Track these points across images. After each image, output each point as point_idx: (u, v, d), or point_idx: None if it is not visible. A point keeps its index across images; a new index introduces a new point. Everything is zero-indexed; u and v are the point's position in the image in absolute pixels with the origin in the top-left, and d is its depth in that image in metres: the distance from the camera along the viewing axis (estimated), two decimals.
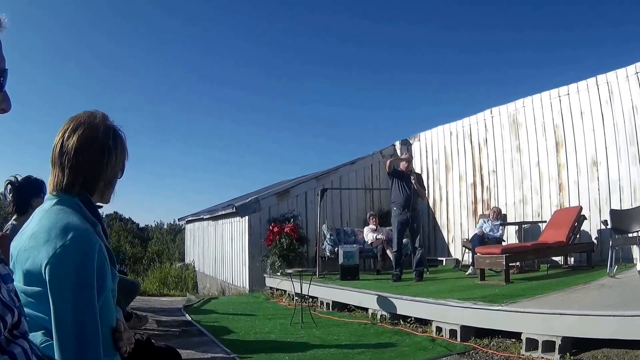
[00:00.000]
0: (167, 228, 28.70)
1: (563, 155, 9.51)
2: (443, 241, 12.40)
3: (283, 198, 12.03)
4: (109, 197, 1.88)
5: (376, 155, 13.67)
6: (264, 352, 5.26)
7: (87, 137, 1.71)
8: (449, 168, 12.33)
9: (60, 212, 1.63)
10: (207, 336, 6.35)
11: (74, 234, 1.53)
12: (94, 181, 1.74)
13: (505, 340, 5.13)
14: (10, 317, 1.15)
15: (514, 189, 10.52)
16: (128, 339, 1.78)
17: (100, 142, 1.73)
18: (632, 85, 8.34)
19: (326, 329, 6.60)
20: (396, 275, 8.73)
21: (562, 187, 9.48)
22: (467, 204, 11.72)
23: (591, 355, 4.26)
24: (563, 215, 8.84)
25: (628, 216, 7.48)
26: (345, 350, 5.29)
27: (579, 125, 9.21)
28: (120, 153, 1.81)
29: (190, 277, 16.53)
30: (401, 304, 6.59)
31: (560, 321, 4.49)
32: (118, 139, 1.81)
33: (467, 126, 11.88)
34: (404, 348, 5.32)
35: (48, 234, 1.54)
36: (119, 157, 1.81)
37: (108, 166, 1.76)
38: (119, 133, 1.83)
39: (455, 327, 5.55)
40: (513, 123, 10.63)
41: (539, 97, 10.11)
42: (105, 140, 1.74)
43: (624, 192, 8.39)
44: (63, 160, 1.69)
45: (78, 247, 1.52)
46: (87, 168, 1.71)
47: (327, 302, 8.34)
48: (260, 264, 11.29)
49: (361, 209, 12.95)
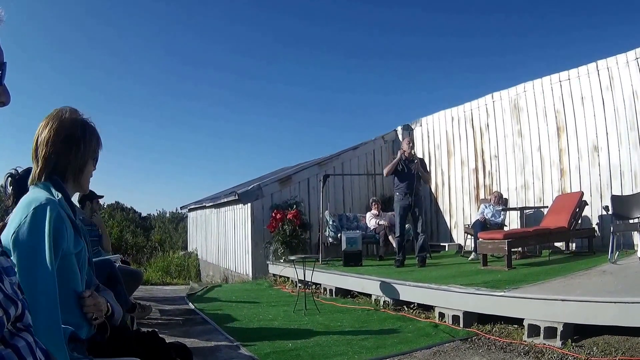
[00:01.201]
0: (169, 217, 28.65)
1: (564, 141, 9.50)
2: (445, 226, 12.42)
3: (285, 184, 12.05)
4: (85, 185, 2.06)
5: (378, 140, 13.68)
6: (268, 340, 5.30)
7: (56, 129, 1.91)
8: (451, 153, 12.32)
9: (30, 194, 1.83)
10: (210, 324, 6.40)
11: (35, 206, 1.72)
12: (63, 169, 1.93)
13: (507, 326, 5.16)
14: (14, 309, 1.15)
15: (515, 174, 10.53)
16: (95, 305, 1.89)
17: (68, 133, 1.92)
18: (632, 71, 8.33)
19: (329, 315, 6.65)
20: (399, 261, 8.76)
21: (564, 172, 9.48)
22: (469, 189, 11.73)
23: (592, 341, 4.29)
24: (564, 200, 8.84)
25: (629, 202, 7.48)
26: (348, 337, 5.34)
27: (580, 110, 9.20)
28: (88, 143, 1.98)
29: (193, 265, 16.60)
30: (404, 290, 6.62)
31: (561, 307, 4.52)
32: (87, 131, 1.99)
33: (468, 111, 11.86)
34: (407, 334, 5.36)
35: (16, 213, 1.74)
36: (88, 147, 1.98)
37: (77, 155, 1.95)
38: (88, 125, 2.01)
39: (458, 313, 5.58)
40: (514, 108, 10.60)
41: (540, 82, 10.08)
42: (72, 132, 1.93)
43: (624, 178, 8.40)
44: (38, 153, 1.91)
45: (35, 215, 1.70)
46: (56, 158, 1.91)
47: (330, 288, 8.38)
48: (263, 251, 11.34)
49: (364, 195, 12.99)
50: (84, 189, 2.07)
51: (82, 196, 6.34)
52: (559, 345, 4.36)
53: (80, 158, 1.96)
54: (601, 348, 4.14)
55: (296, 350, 4.84)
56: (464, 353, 4.59)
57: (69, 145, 1.92)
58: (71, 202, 1.94)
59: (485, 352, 4.55)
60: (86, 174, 2.03)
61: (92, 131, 2.02)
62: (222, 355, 4.82)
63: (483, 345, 4.80)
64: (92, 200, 6.37)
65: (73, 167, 1.95)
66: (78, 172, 1.98)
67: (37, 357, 1.17)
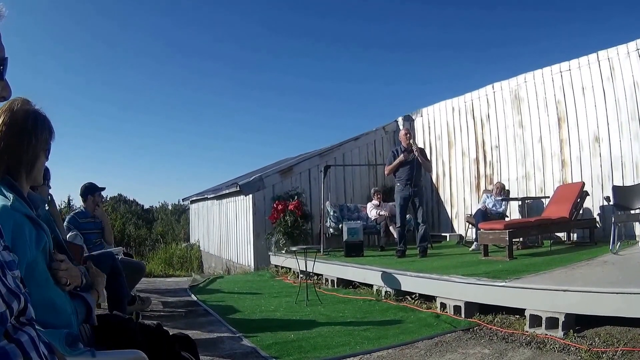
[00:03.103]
0: (171, 209, 28.67)
1: (565, 131, 9.49)
2: (447, 217, 12.44)
3: (287, 175, 12.06)
4: (38, 177, 1.98)
5: (379, 131, 13.67)
6: (270, 331, 5.31)
7: (6, 123, 1.83)
8: (452, 144, 12.31)
9: None
10: (212, 316, 6.42)
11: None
12: (16, 165, 1.85)
13: (509, 316, 5.17)
14: (17, 304, 1.15)
15: (516, 164, 10.52)
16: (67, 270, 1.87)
17: (18, 125, 1.84)
18: (633, 62, 8.32)
19: (331, 306, 6.67)
20: (400, 251, 8.77)
21: (565, 163, 9.48)
22: (470, 180, 11.73)
23: (594, 332, 4.30)
24: (566, 191, 8.85)
25: (630, 192, 7.49)
26: (350, 327, 5.35)
27: (581, 101, 9.19)
28: (40, 134, 1.90)
29: (196, 257, 16.65)
30: (405, 280, 6.64)
31: (563, 298, 4.52)
32: (38, 122, 1.91)
33: (469, 102, 11.84)
34: (409, 324, 5.38)
35: None
36: (40, 138, 1.90)
37: (29, 148, 1.87)
38: (39, 116, 1.93)
39: (460, 303, 5.59)
40: (515, 98, 10.59)
41: (541, 73, 10.06)
42: (23, 124, 1.85)
43: (626, 169, 8.40)
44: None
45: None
46: (9, 151, 1.82)
47: (332, 279, 8.40)
48: (265, 242, 11.37)
49: (365, 185, 13.00)
50: (37, 181, 2.00)
51: (84, 190, 6.36)
52: (560, 335, 4.37)
53: (32, 151, 1.89)
54: (603, 339, 4.14)
55: (298, 341, 4.86)
56: (466, 343, 4.61)
57: (20, 138, 1.85)
58: (25, 198, 1.86)
59: (487, 343, 4.57)
60: (39, 167, 1.96)
61: (43, 122, 1.94)
62: (225, 346, 4.84)
63: (485, 335, 4.81)
64: (94, 193, 6.38)
65: (25, 161, 1.88)
66: (30, 166, 1.91)
67: (40, 350, 1.17)
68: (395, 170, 8.80)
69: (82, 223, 6.13)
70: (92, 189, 6.40)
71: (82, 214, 6.27)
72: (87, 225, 6.18)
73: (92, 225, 6.24)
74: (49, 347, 1.24)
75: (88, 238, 5.96)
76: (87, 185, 6.40)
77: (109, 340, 1.96)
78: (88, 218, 6.24)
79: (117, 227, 18.96)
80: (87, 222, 6.19)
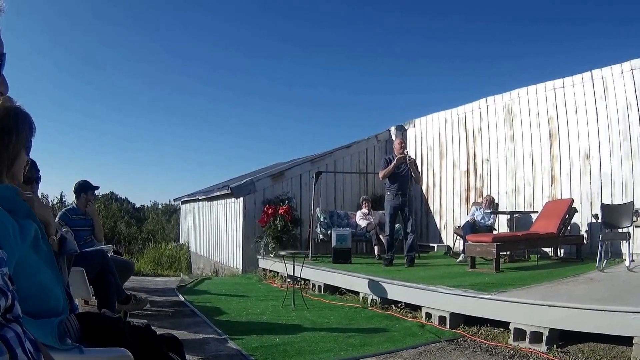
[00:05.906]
0: (162, 208, 28.55)
1: (556, 148, 9.58)
2: (435, 227, 12.48)
3: (278, 180, 12.06)
4: (18, 175, 1.94)
5: (371, 139, 13.71)
6: (256, 334, 5.32)
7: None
8: (443, 155, 12.37)
9: None
10: (199, 317, 6.41)
11: None
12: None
13: (493, 329, 5.22)
14: (4, 301, 1.16)
15: (506, 178, 10.59)
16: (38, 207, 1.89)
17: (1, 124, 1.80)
18: (626, 82, 8.41)
19: (317, 311, 6.69)
20: (388, 260, 8.80)
21: (555, 179, 9.56)
22: (460, 192, 11.79)
23: (578, 348, 4.35)
24: (554, 206, 8.92)
25: (618, 211, 7.55)
26: (335, 334, 5.37)
27: (573, 118, 9.27)
28: (21, 131, 1.87)
29: (185, 257, 16.60)
30: (392, 289, 6.68)
31: (548, 313, 4.57)
32: (19, 119, 1.86)
33: (462, 114, 11.91)
34: (394, 333, 5.40)
35: None
36: (21, 136, 1.86)
37: (9, 145, 1.82)
38: (20, 112, 1.88)
39: (445, 314, 5.63)
40: (508, 113, 10.67)
41: (534, 89, 10.15)
42: (4, 121, 1.80)
43: (615, 187, 8.48)
44: None
45: None
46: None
47: (319, 284, 8.42)
48: (254, 245, 11.36)
49: (355, 193, 13.02)
50: (17, 179, 1.94)
51: (78, 187, 6.37)
52: (544, 350, 4.42)
53: (12, 149, 1.84)
54: (586, 355, 4.20)
55: (283, 345, 4.87)
56: (450, 354, 4.64)
57: (1, 136, 1.80)
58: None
59: (471, 354, 4.60)
60: (19, 165, 1.91)
61: (25, 119, 1.89)
62: (210, 348, 4.84)
63: (469, 347, 4.84)
64: (88, 192, 6.40)
65: (5, 158, 1.83)
66: (10, 163, 1.86)
67: (26, 347, 1.17)
68: (389, 176, 8.84)
69: (73, 220, 6.13)
70: (87, 187, 6.42)
71: (73, 211, 6.28)
72: (78, 222, 6.18)
73: (83, 223, 6.25)
74: (35, 344, 1.24)
75: (78, 235, 5.96)
76: (82, 183, 6.42)
77: (96, 338, 1.96)
78: (79, 215, 6.25)
79: (108, 225, 18.90)
80: (77, 219, 6.20)
